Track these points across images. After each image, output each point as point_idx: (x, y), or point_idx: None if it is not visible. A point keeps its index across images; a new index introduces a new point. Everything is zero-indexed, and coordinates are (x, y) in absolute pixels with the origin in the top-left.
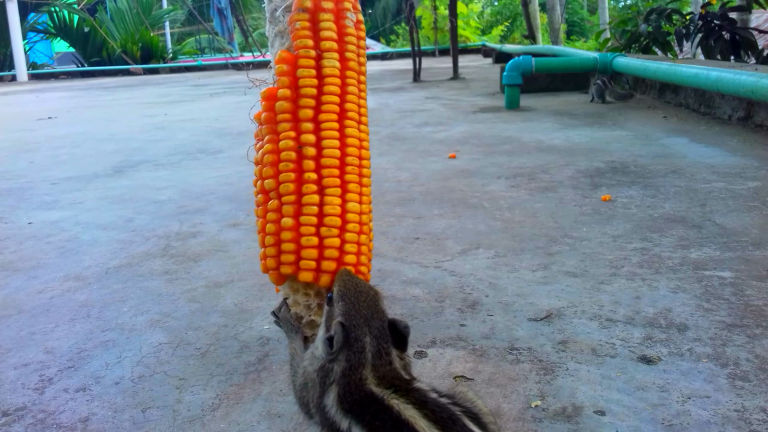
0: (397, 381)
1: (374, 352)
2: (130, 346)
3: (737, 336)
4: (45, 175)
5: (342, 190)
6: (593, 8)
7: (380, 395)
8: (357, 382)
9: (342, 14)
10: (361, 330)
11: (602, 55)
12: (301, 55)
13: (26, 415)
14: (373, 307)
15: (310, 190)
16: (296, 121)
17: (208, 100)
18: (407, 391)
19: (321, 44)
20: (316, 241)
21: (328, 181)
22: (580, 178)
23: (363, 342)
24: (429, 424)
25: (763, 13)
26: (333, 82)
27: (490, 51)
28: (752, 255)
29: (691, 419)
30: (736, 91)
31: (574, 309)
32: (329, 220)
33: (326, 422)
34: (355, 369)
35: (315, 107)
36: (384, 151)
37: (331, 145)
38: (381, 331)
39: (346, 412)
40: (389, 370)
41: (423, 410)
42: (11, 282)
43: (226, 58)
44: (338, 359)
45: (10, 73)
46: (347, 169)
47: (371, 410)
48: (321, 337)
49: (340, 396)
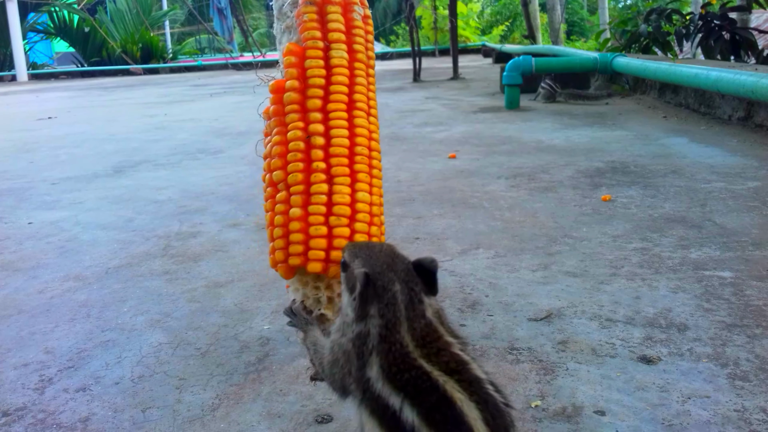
0: (444, 354)
1: (406, 302)
2: (130, 346)
3: (737, 336)
4: (45, 175)
5: (351, 179)
6: (593, 8)
7: (436, 378)
8: (399, 349)
9: (350, 8)
10: (387, 277)
11: (602, 55)
12: (309, 46)
13: (26, 415)
14: (392, 254)
15: (318, 179)
16: (304, 111)
17: (208, 100)
18: (464, 380)
19: (329, 35)
20: (325, 231)
21: (337, 170)
22: (580, 178)
23: (393, 291)
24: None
25: (763, 13)
26: (341, 72)
27: (490, 51)
28: (752, 255)
29: (691, 419)
30: (736, 91)
31: (574, 309)
32: (338, 209)
33: (370, 395)
34: (392, 328)
35: (323, 97)
36: (384, 151)
37: (340, 134)
38: (408, 274)
39: (397, 389)
40: (425, 326)
41: (484, 414)
42: (11, 282)
43: (226, 58)
44: (371, 316)
45: (10, 73)
46: (356, 158)
47: (431, 399)
48: (346, 302)
49: (385, 369)
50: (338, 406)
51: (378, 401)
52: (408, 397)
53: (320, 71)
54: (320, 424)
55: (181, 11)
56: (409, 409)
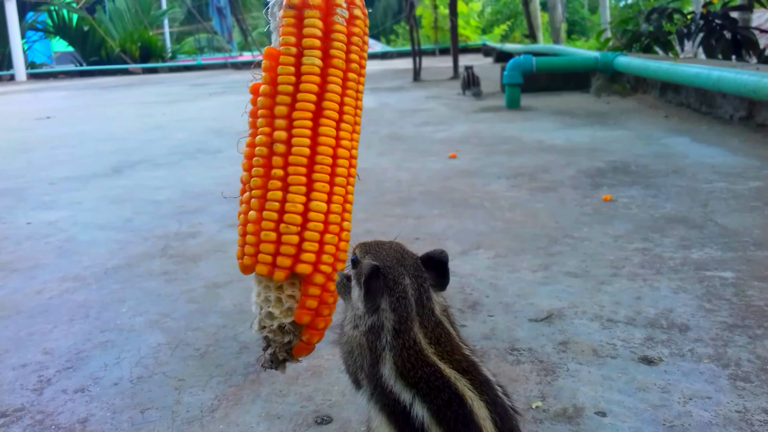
0: (456, 353)
1: (417, 297)
2: (128, 347)
3: (739, 336)
4: (43, 174)
5: (307, 188)
6: (594, 7)
7: (448, 376)
8: (412, 346)
9: (332, 10)
10: (398, 271)
11: (603, 55)
12: (283, 52)
13: (25, 416)
14: (401, 250)
15: (274, 186)
16: (272, 117)
17: (207, 100)
18: (475, 380)
19: (303, 41)
20: (274, 237)
21: (293, 179)
22: (581, 178)
23: (403, 284)
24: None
25: (764, 12)
26: (311, 80)
27: (490, 50)
28: (754, 255)
29: (693, 420)
30: (738, 91)
31: (574, 309)
32: (289, 217)
33: (381, 391)
34: (405, 323)
35: (290, 105)
36: (384, 151)
37: (301, 143)
38: (417, 269)
39: (409, 385)
40: (436, 325)
41: (493, 415)
42: (9, 282)
43: (225, 58)
44: (383, 310)
45: (9, 72)
46: (317, 168)
47: (443, 397)
48: (357, 297)
49: (399, 365)
50: (338, 407)
51: (389, 396)
52: (420, 394)
53: (290, 78)
54: (320, 425)
55: (181, 10)
56: (419, 406)
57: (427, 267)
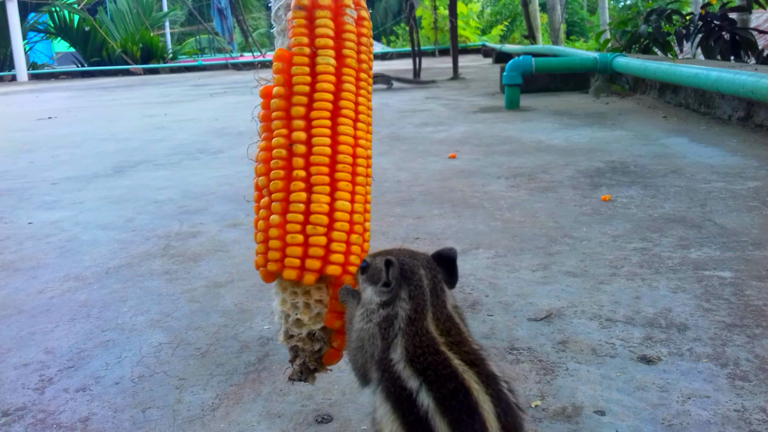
0: (465, 346)
1: (431, 287)
2: (130, 346)
3: (737, 336)
4: (45, 175)
5: (331, 188)
6: (593, 8)
7: (456, 366)
8: (424, 333)
9: (341, 11)
10: (412, 262)
11: (602, 55)
12: (296, 53)
13: (26, 415)
14: (411, 250)
15: (297, 187)
16: (289, 118)
17: (208, 100)
18: (482, 374)
19: (316, 41)
20: (301, 239)
21: (316, 179)
22: (580, 178)
23: (419, 274)
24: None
25: (763, 13)
26: (326, 79)
27: (490, 51)
28: (752, 255)
29: (691, 419)
30: (736, 91)
31: (574, 309)
32: (315, 218)
33: (389, 377)
34: (420, 312)
35: (307, 105)
36: (384, 151)
37: (322, 143)
38: (429, 262)
39: (417, 372)
40: (447, 318)
41: (497, 409)
42: (11, 282)
43: (226, 58)
44: (400, 298)
45: (10, 73)
46: (338, 167)
47: (449, 386)
48: (370, 293)
49: (410, 351)
50: (338, 405)
51: (396, 383)
52: (426, 381)
53: (305, 78)
54: (320, 424)
55: (182, 11)
56: (425, 394)
57: (437, 263)
